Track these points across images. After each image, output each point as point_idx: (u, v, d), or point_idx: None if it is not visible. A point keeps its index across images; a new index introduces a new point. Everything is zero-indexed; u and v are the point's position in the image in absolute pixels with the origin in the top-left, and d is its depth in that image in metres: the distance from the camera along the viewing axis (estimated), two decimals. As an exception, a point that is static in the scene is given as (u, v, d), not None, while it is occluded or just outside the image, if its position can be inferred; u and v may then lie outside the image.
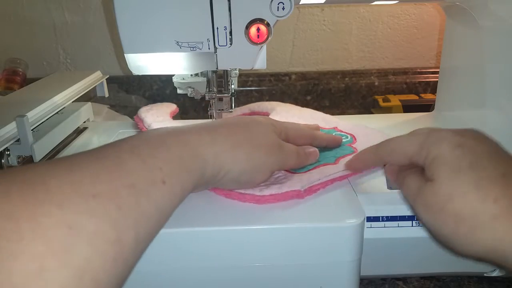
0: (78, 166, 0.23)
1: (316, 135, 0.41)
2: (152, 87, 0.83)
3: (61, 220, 0.20)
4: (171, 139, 0.28)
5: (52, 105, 0.47)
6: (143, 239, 0.24)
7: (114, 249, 0.21)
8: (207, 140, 0.30)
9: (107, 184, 0.22)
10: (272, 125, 0.35)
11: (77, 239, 0.20)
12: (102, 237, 0.21)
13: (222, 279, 0.32)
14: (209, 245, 0.31)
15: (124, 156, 0.25)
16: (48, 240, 0.19)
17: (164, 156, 0.27)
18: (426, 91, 0.83)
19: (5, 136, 0.39)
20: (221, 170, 0.30)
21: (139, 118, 0.48)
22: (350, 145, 0.43)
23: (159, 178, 0.25)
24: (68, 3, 0.79)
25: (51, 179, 0.21)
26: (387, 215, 0.34)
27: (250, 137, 0.32)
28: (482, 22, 0.45)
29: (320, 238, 0.31)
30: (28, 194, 0.20)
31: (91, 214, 0.21)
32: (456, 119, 0.52)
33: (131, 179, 0.24)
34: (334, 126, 0.48)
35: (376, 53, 0.84)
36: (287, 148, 0.35)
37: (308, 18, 0.81)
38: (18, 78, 0.77)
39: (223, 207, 0.33)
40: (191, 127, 0.31)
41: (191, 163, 0.28)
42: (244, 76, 0.82)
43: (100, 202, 0.21)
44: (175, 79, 0.46)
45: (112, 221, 0.21)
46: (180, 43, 0.37)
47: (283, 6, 0.36)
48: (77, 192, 0.21)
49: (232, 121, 0.34)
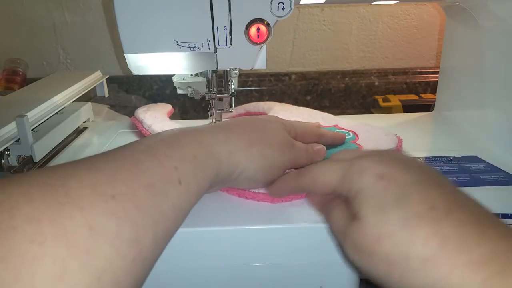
0: (96, 168, 0.23)
1: (322, 132, 0.41)
2: (152, 87, 0.83)
3: (82, 221, 0.20)
4: (185, 139, 0.28)
5: (52, 105, 0.47)
6: (162, 239, 0.24)
7: (134, 250, 0.21)
8: (221, 139, 0.30)
9: (125, 185, 0.22)
10: (282, 123, 0.36)
11: (97, 240, 0.20)
12: (122, 237, 0.21)
13: (222, 279, 0.32)
14: (209, 245, 0.31)
15: (140, 157, 0.25)
16: (70, 242, 0.19)
17: (178, 155, 0.27)
18: (426, 91, 0.83)
19: (5, 136, 0.39)
20: (236, 168, 0.30)
21: (137, 120, 0.48)
22: (354, 142, 0.43)
23: (175, 177, 0.25)
24: (68, 3, 0.79)
25: (70, 180, 0.21)
26: (387, 215, 0.34)
27: (263, 135, 0.33)
28: (482, 22, 0.45)
29: (320, 238, 0.31)
30: (49, 196, 0.20)
31: (111, 215, 0.21)
32: (456, 119, 0.52)
33: (149, 179, 0.24)
34: (335, 124, 0.48)
35: (376, 53, 0.84)
36: (298, 146, 0.35)
37: (308, 18, 0.81)
38: (18, 78, 0.77)
39: (223, 207, 0.33)
40: (205, 126, 0.31)
41: (206, 162, 0.28)
42: (244, 76, 0.82)
43: (119, 202, 0.21)
44: (175, 79, 0.46)
45: (131, 221, 0.22)
46: (180, 43, 0.37)
47: (283, 6, 0.36)
48: (96, 193, 0.21)
49: (245, 120, 0.35)
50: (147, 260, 0.22)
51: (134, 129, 0.52)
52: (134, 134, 0.51)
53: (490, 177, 0.38)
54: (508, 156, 0.42)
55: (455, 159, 0.42)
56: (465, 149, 0.44)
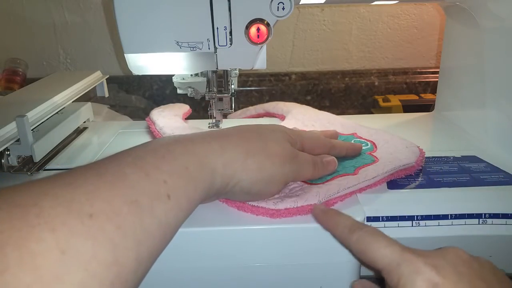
0: (75, 184, 0.22)
1: (334, 143, 0.38)
2: (152, 87, 0.83)
3: (53, 244, 0.18)
4: (177, 149, 0.27)
5: (52, 105, 0.47)
6: (146, 258, 0.22)
7: (112, 273, 0.20)
8: (216, 148, 0.28)
9: (106, 202, 0.21)
10: (286, 134, 0.33)
11: (70, 265, 0.18)
12: (99, 260, 0.19)
13: (222, 279, 0.32)
14: (209, 245, 0.31)
15: (126, 170, 0.23)
16: (37, 267, 0.18)
17: (169, 168, 0.25)
18: (426, 91, 0.83)
19: (5, 136, 0.39)
20: (231, 180, 0.29)
21: (151, 120, 0.48)
22: (371, 153, 0.40)
23: (163, 192, 0.24)
24: (68, 3, 0.79)
25: (44, 199, 0.20)
26: (387, 215, 0.34)
27: (263, 146, 0.31)
28: (482, 22, 0.45)
29: (320, 238, 0.31)
30: (18, 218, 0.19)
31: (87, 236, 0.19)
32: (456, 119, 0.52)
33: (133, 195, 0.22)
34: (353, 132, 0.45)
35: (376, 53, 0.84)
36: (302, 158, 0.33)
37: (308, 18, 0.81)
38: (18, 78, 0.77)
39: (224, 208, 0.33)
40: (199, 134, 0.30)
41: (199, 174, 0.26)
42: (244, 76, 0.82)
43: (97, 222, 0.20)
44: (175, 79, 0.46)
45: (109, 242, 0.20)
46: (180, 43, 0.37)
47: (283, 6, 0.36)
48: (72, 213, 0.20)
49: (244, 128, 0.32)
50: (128, 282, 0.21)
51: (134, 129, 0.52)
52: (134, 134, 0.51)
53: (490, 177, 0.38)
54: (508, 156, 0.42)
55: (455, 159, 0.42)
56: (465, 149, 0.44)
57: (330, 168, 0.35)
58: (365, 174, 0.35)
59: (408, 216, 0.34)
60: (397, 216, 0.34)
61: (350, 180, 0.34)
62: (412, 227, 0.34)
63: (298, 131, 0.36)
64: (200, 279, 0.32)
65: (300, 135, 0.35)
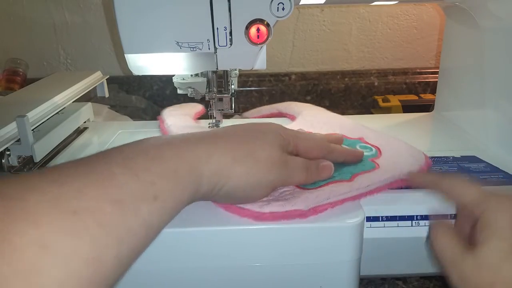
0: (62, 180, 0.22)
1: (332, 148, 0.36)
2: (152, 87, 0.83)
3: (34, 239, 0.19)
4: (168, 152, 0.27)
5: (53, 105, 0.47)
6: (127, 257, 0.23)
7: (92, 268, 0.20)
8: (203, 156, 0.28)
9: (91, 200, 0.21)
10: (278, 135, 0.33)
11: (50, 259, 0.19)
12: (79, 256, 0.20)
13: (221, 279, 0.32)
14: (209, 245, 0.31)
15: (115, 170, 0.24)
16: (16, 260, 0.18)
17: (158, 169, 0.25)
18: (426, 91, 0.83)
19: (6, 136, 0.39)
20: (216, 184, 0.29)
21: (161, 118, 0.48)
22: (373, 160, 0.39)
23: (151, 193, 0.24)
24: (68, 3, 0.79)
25: (31, 194, 0.20)
26: (387, 215, 0.34)
27: (251, 151, 0.30)
28: (481, 22, 0.45)
29: (320, 238, 0.31)
30: (3, 211, 0.19)
31: (68, 232, 0.20)
32: (456, 119, 0.53)
33: (119, 195, 0.23)
34: (360, 137, 0.44)
35: (376, 54, 0.84)
36: (293, 163, 0.32)
37: (308, 18, 0.81)
38: (18, 78, 0.77)
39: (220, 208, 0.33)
40: (190, 137, 0.30)
41: (187, 177, 0.27)
42: (244, 76, 0.82)
43: (80, 219, 0.20)
44: (175, 79, 0.46)
45: (91, 239, 0.20)
46: (180, 43, 0.37)
47: (283, 7, 0.36)
48: (56, 208, 0.20)
49: (235, 131, 0.32)
50: (108, 279, 0.21)
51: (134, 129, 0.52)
52: (134, 134, 0.51)
53: (490, 177, 0.38)
54: (508, 156, 0.42)
55: (455, 159, 0.42)
56: (465, 149, 0.44)
57: (325, 174, 0.34)
58: (360, 182, 0.34)
59: (408, 216, 0.34)
60: (397, 216, 0.34)
61: (343, 187, 0.33)
62: (412, 227, 0.34)
63: (294, 132, 0.35)
64: (200, 279, 0.32)
65: (295, 137, 0.34)
